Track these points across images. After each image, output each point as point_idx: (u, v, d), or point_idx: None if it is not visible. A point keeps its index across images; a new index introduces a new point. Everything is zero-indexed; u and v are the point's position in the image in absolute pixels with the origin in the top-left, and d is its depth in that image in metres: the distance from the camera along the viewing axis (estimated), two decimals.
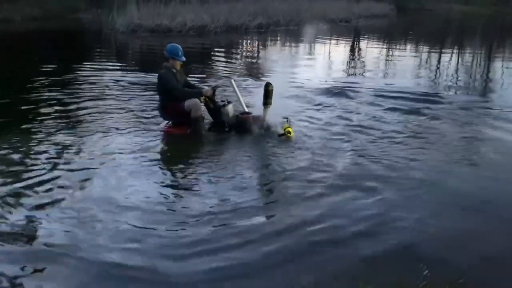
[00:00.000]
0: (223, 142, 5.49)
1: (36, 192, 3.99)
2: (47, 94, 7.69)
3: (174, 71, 5.60)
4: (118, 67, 10.79)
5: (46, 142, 5.22)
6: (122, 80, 9.06)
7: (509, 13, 37.99)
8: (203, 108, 5.70)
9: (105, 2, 22.13)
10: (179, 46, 5.68)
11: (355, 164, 4.75)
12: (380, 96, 7.96)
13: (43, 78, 8.97)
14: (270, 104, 5.51)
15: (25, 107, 6.77)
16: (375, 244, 3.30)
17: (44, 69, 9.92)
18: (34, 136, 5.42)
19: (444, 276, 2.93)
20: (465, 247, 3.33)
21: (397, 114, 6.80)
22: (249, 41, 18.65)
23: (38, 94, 7.63)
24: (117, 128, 5.79)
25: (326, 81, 9.32)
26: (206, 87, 5.77)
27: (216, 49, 15.60)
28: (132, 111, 6.65)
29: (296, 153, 5.03)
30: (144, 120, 6.18)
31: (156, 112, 6.04)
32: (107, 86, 8.46)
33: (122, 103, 7.12)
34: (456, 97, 8.26)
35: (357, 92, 8.28)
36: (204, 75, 9.79)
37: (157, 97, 5.98)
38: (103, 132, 5.65)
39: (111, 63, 11.77)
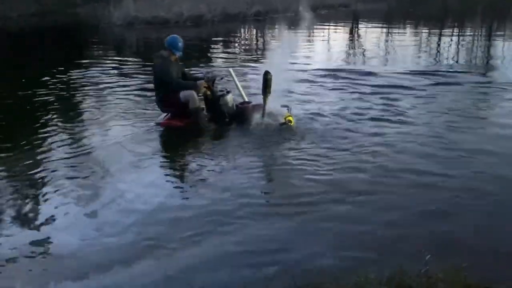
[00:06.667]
0: (223, 132, 5.45)
1: (37, 185, 4.02)
2: (45, 90, 7.67)
3: (172, 60, 5.51)
4: (115, 61, 10.72)
5: (44, 136, 5.28)
6: (119, 74, 9.02)
7: None
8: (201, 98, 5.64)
9: None
10: (180, 39, 5.57)
11: (357, 152, 4.68)
12: (381, 77, 7.98)
13: (41, 74, 8.93)
14: (270, 92, 5.43)
15: (23, 103, 6.77)
16: (382, 229, 3.28)
17: (41, 65, 9.89)
18: (31, 132, 5.43)
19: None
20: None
21: (398, 96, 6.76)
22: (247, 30, 18.49)
23: (36, 90, 7.60)
24: (115, 121, 5.79)
25: (325, 67, 9.22)
26: (201, 80, 5.64)
27: (214, 39, 15.47)
28: (130, 104, 6.63)
29: (297, 142, 4.98)
30: (143, 113, 6.15)
31: (154, 105, 6.00)
32: (104, 80, 8.42)
33: (120, 96, 7.10)
34: (457, 76, 8.17)
35: (358, 75, 8.22)
36: (203, 65, 9.71)
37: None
38: (101, 125, 5.66)
39: (108, 57, 11.71)
